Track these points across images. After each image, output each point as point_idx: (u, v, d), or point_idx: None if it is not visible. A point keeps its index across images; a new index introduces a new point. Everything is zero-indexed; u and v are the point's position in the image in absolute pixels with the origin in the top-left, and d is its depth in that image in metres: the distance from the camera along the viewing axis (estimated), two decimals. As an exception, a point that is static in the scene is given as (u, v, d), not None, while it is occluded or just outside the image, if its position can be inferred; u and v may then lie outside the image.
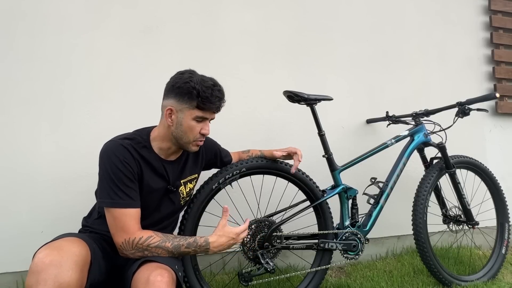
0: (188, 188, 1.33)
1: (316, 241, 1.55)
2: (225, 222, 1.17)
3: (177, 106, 1.15)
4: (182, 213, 1.44)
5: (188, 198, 1.37)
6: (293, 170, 1.51)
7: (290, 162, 1.57)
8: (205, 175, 1.51)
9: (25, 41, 1.62)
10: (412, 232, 1.76)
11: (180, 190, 1.29)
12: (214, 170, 1.52)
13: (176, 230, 1.44)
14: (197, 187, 1.47)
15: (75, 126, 1.66)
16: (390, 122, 2.02)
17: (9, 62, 1.60)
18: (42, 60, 1.64)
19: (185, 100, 1.13)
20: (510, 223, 2.05)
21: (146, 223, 1.19)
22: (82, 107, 1.68)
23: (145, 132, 1.23)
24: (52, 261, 0.85)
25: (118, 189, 1.08)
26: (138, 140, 1.18)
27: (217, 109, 1.20)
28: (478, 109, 1.75)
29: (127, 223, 1.07)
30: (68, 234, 1.06)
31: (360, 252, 1.61)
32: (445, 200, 1.94)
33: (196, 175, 1.38)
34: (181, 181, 1.29)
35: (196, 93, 1.12)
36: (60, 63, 1.67)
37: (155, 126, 1.25)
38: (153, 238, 1.08)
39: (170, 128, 1.17)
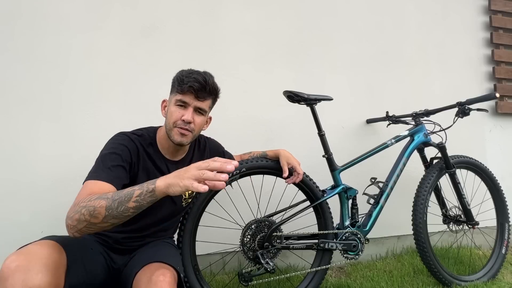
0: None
1: (316, 241, 1.55)
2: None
3: (169, 97, 1.23)
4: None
5: (190, 199, 1.37)
6: (288, 181, 1.51)
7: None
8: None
9: (24, 41, 1.62)
10: (412, 232, 1.76)
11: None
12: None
13: (176, 230, 1.44)
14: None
15: (75, 126, 1.66)
16: (390, 122, 2.02)
17: (9, 62, 1.60)
18: (41, 60, 1.64)
19: (171, 89, 1.21)
20: (510, 223, 2.05)
21: (146, 222, 1.20)
22: (81, 107, 1.68)
23: (152, 130, 1.25)
24: (18, 266, 0.83)
25: (105, 167, 1.03)
26: (146, 138, 1.20)
27: (195, 92, 1.14)
28: (478, 109, 1.75)
29: (88, 190, 0.95)
30: (46, 237, 1.01)
31: (360, 252, 1.61)
32: (445, 200, 1.94)
33: None
34: None
35: (176, 78, 1.18)
36: (59, 63, 1.66)
37: (162, 126, 1.26)
38: (96, 195, 0.91)
39: (165, 121, 1.21)
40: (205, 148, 1.40)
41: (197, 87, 1.13)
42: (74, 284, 0.97)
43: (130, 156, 1.11)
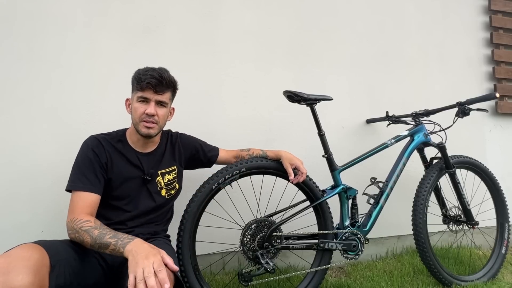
0: (167, 179, 1.37)
1: (316, 241, 1.55)
2: (167, 258, 0.96)
3: (131, 96, 1.31)
4: (182, 212, 1.45)
5: (172, 191, 1.39)
6: (293, 181, 1.51)
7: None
8: (205, 174, 1.51)
9: (25, 41, 1.62)
10: (412, 232, 1.76)
11: (157, 180, 1.34)
12: (213, 170, 1.52)
13: (176, 230, 1.44)
14: (197, 186, 1.48)
15: (75, 126, 1.66)
16: (390, 122, 2.02)
17: (9, 62, 1.60)
18: (42, 60, 1.64)
19: (132, 88, 1.29)
20: (510, 223, 2.05)
21: (131, 214, 1.26)
22: (82, 107, 1.68)
23: (122, 130, 1.36)
24: None
25: (81, 174, 1.18)
26: (114, 135, 1.31)
27: (154, 87, 1.23)
28: (478, 109, 1.75)
29: (78, 205, 1.13)
30: (42, 241, 1.04)
31: (360, 252, 1.61)
32: (445, 200, 1.94)
33: (175, 167, 1.41)
34: (158, 172, 1.35)
35: (134, 77, 1.27)
36: (60, 63, 1.66)
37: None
38: (89, 223, 1.07)
39: (131, 118, 1.29)
40: (176, 143, 1.45)
41: (154, 83, 1.23)
42: (61, 284, 0.98)
43: (99, 159, 1.23)
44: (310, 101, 1.57)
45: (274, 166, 1.54)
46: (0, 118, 1.58)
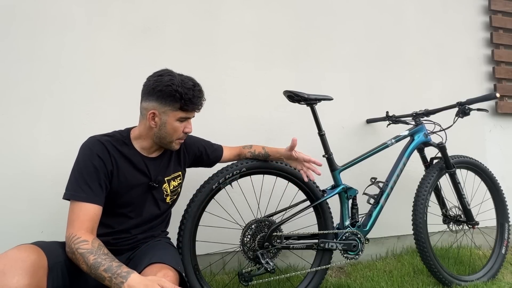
0: (172, 186, 1.32)
1: (316, 241, 1.55)
2: (169, 286, 0.93)
3: (159, 108, 1.16)
4: (182, 212, 1.45)
5: (175, 197, 1.37)
6: (306, 179, 1.50)
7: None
8: (205, 174, 1.51)
9: (25, 41, 1.62)
10: (412, 232, 1.76)
11: (164, 188, 1.29)
12: (214, 169, 1.52)
13: (176, 230, 1.44)
14: (197, 186, 1.48)
15: (75, 126, 1.66)
16: (390, 122, 2.02)
17: (9, 62, 1.60)
18: (42, 60, 1.64)
19: (168, 102, 1.15)
20: (510, 223, 2.05)
21: (135, 222, 1.22)
22: (82, 107, 1.68)
23: (125, 131, 1.26)
24: None
25: (84, 183, 1.08)
26: (118, 137, 1.21)
27: (199, 108, 1.22)
28: (478, 109, 1.75)
29: (79, 218, 1.04)
30: (40, 242, 1.04)
31: (360, 252, 1.61)
32: (445, 200, 1.94)
33: (180, 172, 1.37)
34: (165, 179, 1.29)
35: (179, 96, 1.13)
36: (60, 63, 1.66)
37: (135, 126, 1.27)
38: (86, 244, 0.98)
39: (152, 129, 1.19)
40: (180, 146, 1.38)
41: (200, 104, 1.21)
42: (60, 287, 0.97)
43: (105, 166, 1.13)
44: (310, 101, 1.57)
45: (275, 166, 1.54)
46: (0, 118, 1.58)
